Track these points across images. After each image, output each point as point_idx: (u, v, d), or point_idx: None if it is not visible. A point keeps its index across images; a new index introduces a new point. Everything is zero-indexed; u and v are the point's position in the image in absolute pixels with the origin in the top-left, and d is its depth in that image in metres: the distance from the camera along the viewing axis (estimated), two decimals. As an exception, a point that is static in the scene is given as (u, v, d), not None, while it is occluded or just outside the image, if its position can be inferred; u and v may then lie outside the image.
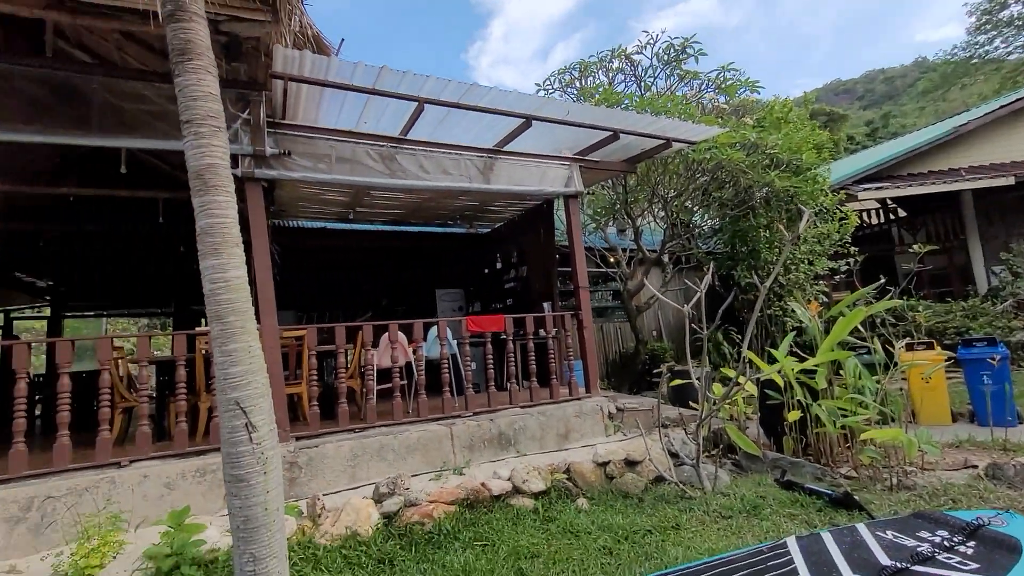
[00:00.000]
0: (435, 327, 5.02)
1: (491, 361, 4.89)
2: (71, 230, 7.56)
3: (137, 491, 3.43)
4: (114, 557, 2.85)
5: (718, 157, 7.00)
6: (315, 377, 4.27)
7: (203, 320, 11.52)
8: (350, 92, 4.05)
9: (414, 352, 4.74)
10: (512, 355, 5.04)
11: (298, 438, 4.05)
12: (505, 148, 5.20)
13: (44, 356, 8.43)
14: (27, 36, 4.66)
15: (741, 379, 4.20)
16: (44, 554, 2.97)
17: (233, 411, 1.78)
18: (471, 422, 4.58)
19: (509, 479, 3.95)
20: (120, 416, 4.32)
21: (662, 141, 5.56)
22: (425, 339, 4.83)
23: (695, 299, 4.20)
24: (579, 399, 5.23)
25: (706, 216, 9.37)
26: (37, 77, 3.83)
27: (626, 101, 7.56)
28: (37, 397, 7.47)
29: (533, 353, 5.05)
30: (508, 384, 4.98)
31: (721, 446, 4.72)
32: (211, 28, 3.59)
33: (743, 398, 5.10)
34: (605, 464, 4.30)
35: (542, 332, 5.42)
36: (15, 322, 11.05)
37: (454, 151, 5.02)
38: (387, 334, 4.61)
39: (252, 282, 3.52)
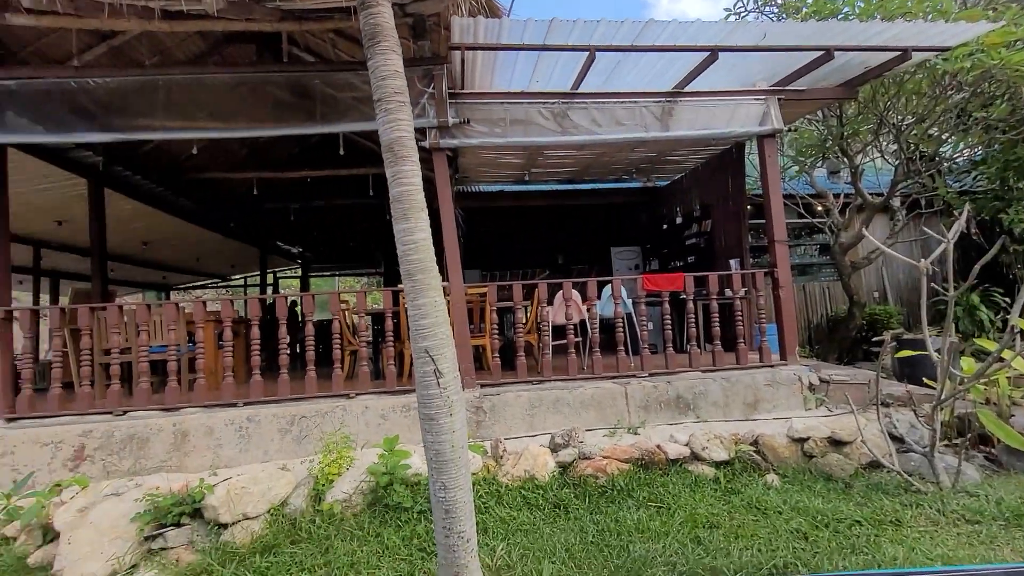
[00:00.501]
0: (609, 286, 4.94)
1: (668, 321, 4.65)
2: (310, 206, 9.31)
3: (361, 418, 4.17)
4: (347, 468, 3.54)
5: (985, 64, 5.29)
6: (496, 331, 4.59)
7: None
8: (521, 52, 4.07)
9: (588, 310, 4.74)
10: (692, 316, 4.70)
11: (482, 385, 4.44)
12: (686, 89, 4.71)
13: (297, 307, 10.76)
14: (271, 49, 5.73)
15: (1006, 354, 3.25)
16: (302, 459, 3.84)
17: (424, 358, 2.01)
18: (646, 383, 4.46)
19: (687, 444, 3.77)
20: (348, 357, 5.27)
21: (897, 53, 4.41)
22: (599, 297, 4.79)
23: (938, 251, 3.33)
24: (772, 366, 4.68)
25: (961, 145, 7.29)
26: (278, 81, 4.66)
27: (845, 8, 6.15)
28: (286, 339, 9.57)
29: (717, 314, 4.64)
30: (688, 346, 4.69)
31: (969, 436, 3.77)
32: (398, 12, 3.92)
33: (1008, 378, 3.97)
34: (803, 440, 3.81)
35: (728, 292, 4.92)
36: (280, 280, 14.22)
37: (628, 99, 4.72)
38: (561, 292, 4.70)
39: (440, 244, 3.90)
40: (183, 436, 4.00)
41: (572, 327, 4.56)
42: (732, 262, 5.91)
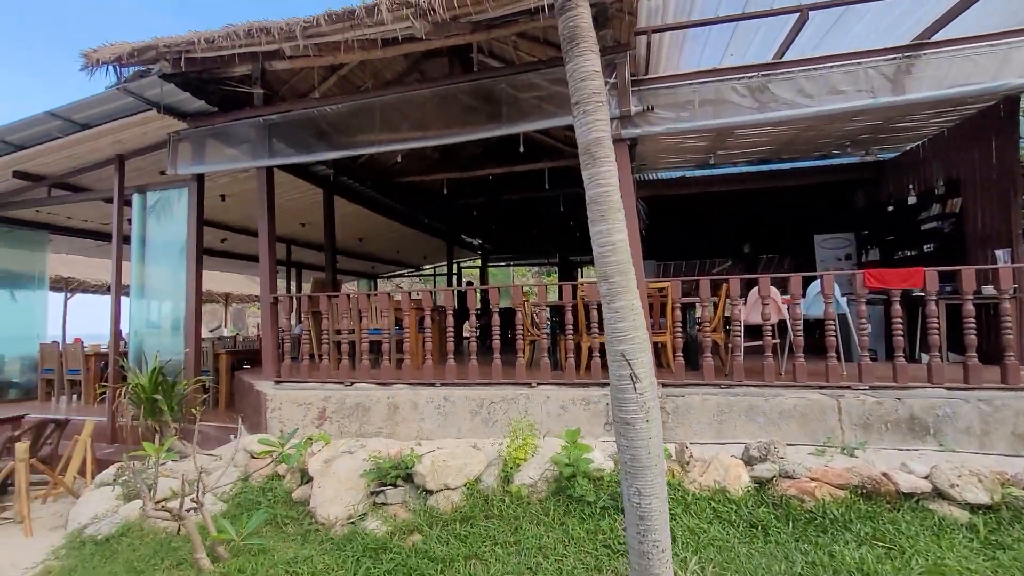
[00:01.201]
0: (817, 282, 4.30)
1: (899, 326, 3.86)
2: (491, 201, 9.98)
3: (542, 408, 4.34)
4: (532, 455, 3.71)
5: None
6: (679, 328, 4.35)
7: (579, 270, 13.53)
8: (713, 27, 3.73)
9: (788, 309, 4.20)
10: (934, 320, 3.83)
11: (664, 385, 4.25)
12: (933, 39, 3.80)
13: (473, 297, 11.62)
14: (460, 58, 6.20)
15: None
16: (492, 440, 4.14)
17: (620, 362, 1.97)
18: (867, 397, 3.78)
19: (927, 477, 3.10)
20: (528, 346, 5.52)
21: None
22: (804, 295, 4.20)
23: None
24: (1059, 389, 3.58)
25: None
26: (467, 89, 5.02)
27: None
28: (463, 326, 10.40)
29: (972, 319, 3.70)
30: (929, 356, 3.84)
31: None
32: (583, 4, 3.90)
33: None
34: (1117, 494, 2.84)
35: (989, 290, 3.89)
36: (463, 270, 15.56)
37: (848, 61, 4.00)
38: (757, 288, 4.23)
39: (623, 238, 3.84)
40: (395, 408, 4.64)
41: (769, 328, 4.08)
42: (1000, 252, 4.64)
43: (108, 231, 8.64)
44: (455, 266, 13.35)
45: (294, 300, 6.79)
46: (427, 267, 16.35)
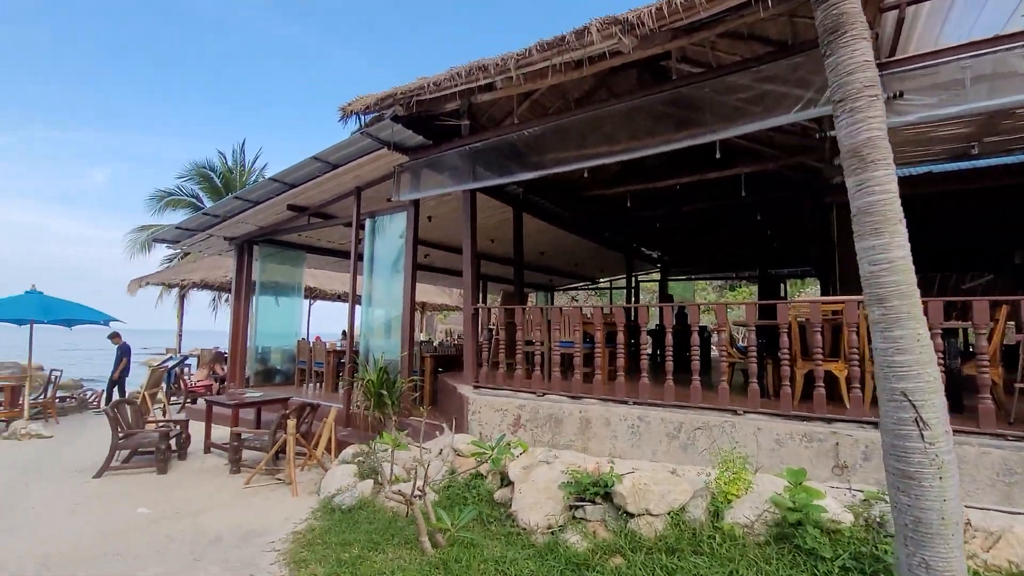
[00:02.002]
0: None
1: None
2: (674, 212, 9.52)
3: (752, 439, 3.92)
4: (745, 491, 3.36)
5: None
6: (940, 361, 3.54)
7: (782, 284, 12.10)
8: (997, -17, 2.99)
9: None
10: None
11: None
12: None
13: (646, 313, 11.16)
14: (649, 69, 6.06)
15: None
16: (697, 469, 3.87)
17: (899, 402, 1.65)
18: None
19: None
20: (727, 370, 5.07)
21: None
22: None
23: None
24: None
25: None
26: (664, 99, 4.86)
27: None
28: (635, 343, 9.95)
29: None
30: None
31: None
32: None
33: None
34: None
35: None
36: (640, 283, 15.13)
37: None
38: (1062, 313, 3.24)
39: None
40: (587, 423, 4.65)
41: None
42: None
43: (345, 250, 10.48)
44: (633, 279, 13.05)
45: (490, 311, 7.34)
46: (603, 280, 16.31)
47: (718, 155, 6.01)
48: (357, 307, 7.67)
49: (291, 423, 5.48)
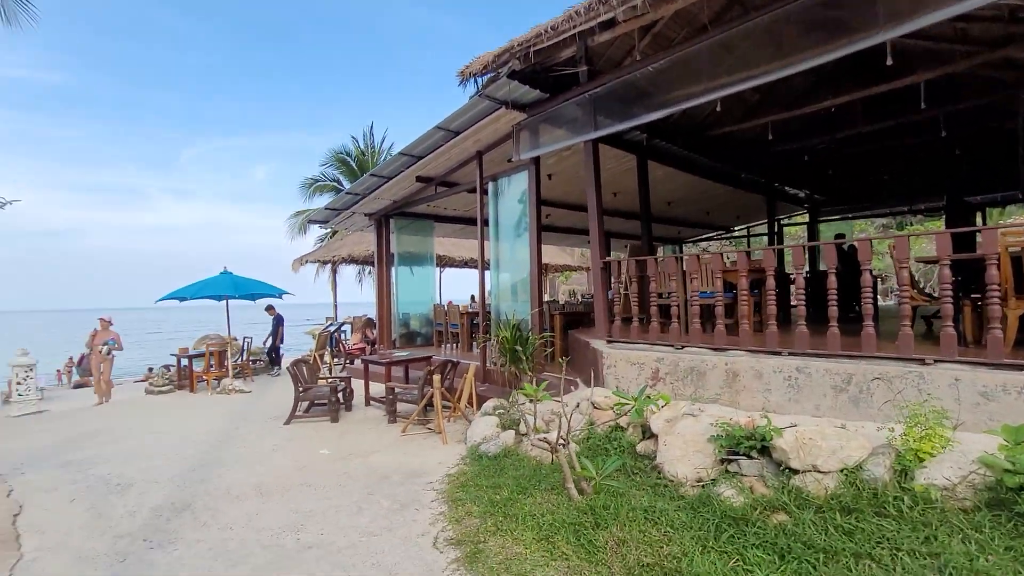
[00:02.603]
0: None
1: None
2: (823, 143, 8.25)
3: (947, 392, 3.32)
4: (942, 450, 2.88)
5: None
6: None
7: (979, 214, 9.98)
8: None
9: None
10: None
11: None
12: None
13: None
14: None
15: None
16: (875, 424, 3.41)
17: None
18: None
19: None
20: (908, 314, 4.34)
21: None
22: None
23: None
24: None
25: None
26: (811, 1, 4.12)
27: None
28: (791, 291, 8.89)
29: None
30: None
31: None
32: None
33: None
34: None
35: None
36: (784, 228, 13.58)
37: None
38: None
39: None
40: (733, 375, 4.33)
41: None
42: None
43: (470, 216, 10.86)
44: (776, 224, 11.70)
45: (620, 265, 7.13)
46: (737, 228, 14.93)
47: (889, 61, 5.05)
48: (486, 272, 7.96)
49: (436, 378, 5.92)
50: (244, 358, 10.78)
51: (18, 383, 8.03)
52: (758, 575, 2.52)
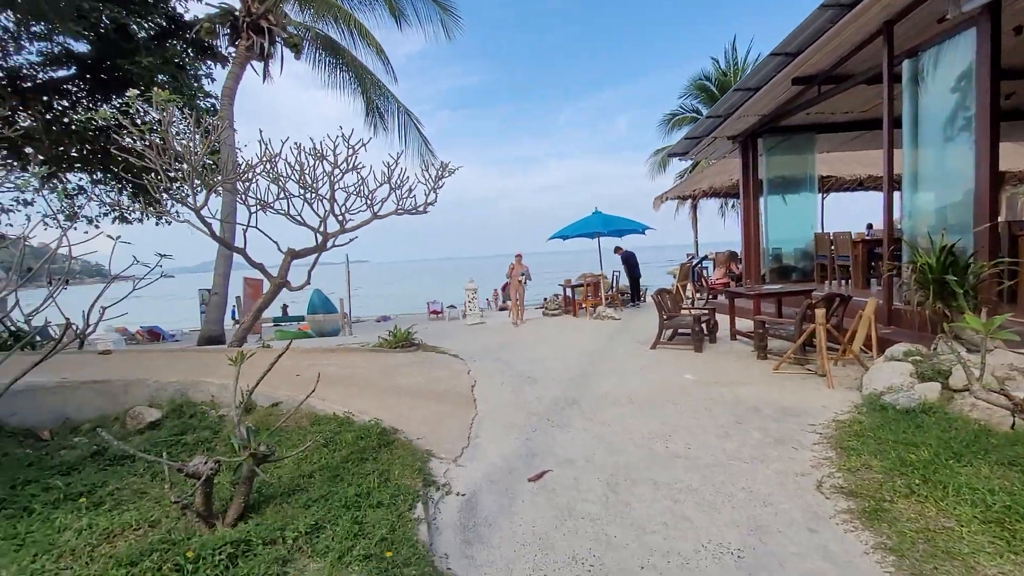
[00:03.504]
0: None
1: None
2: None
3: None
4: None
5: None
6: None
7: None
8: None
9: None
10: None
11: None
12: None
13: None
14: None
15: None
16: None
17: None
18: None
19: None
20: None
21: None
22: None
23: None
24: None
25: None
26: None
27: None
28: None
29: None
30: None
31: None
32: None
33: None
34: None
35: None
36: None
37: None
38: None
39: None
40: None
41: None
42: None
43: (867, 119, 8.58)
44: None
45: None
46: None
47: None
48: (893, 190, 6.11)
49: (819, 312, 5.03)
50: (613, 290, 11.99)
51: (468, 302, 11.33)
52: None
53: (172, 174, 6.69)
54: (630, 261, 11.84)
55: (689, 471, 3.27)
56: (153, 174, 6.45)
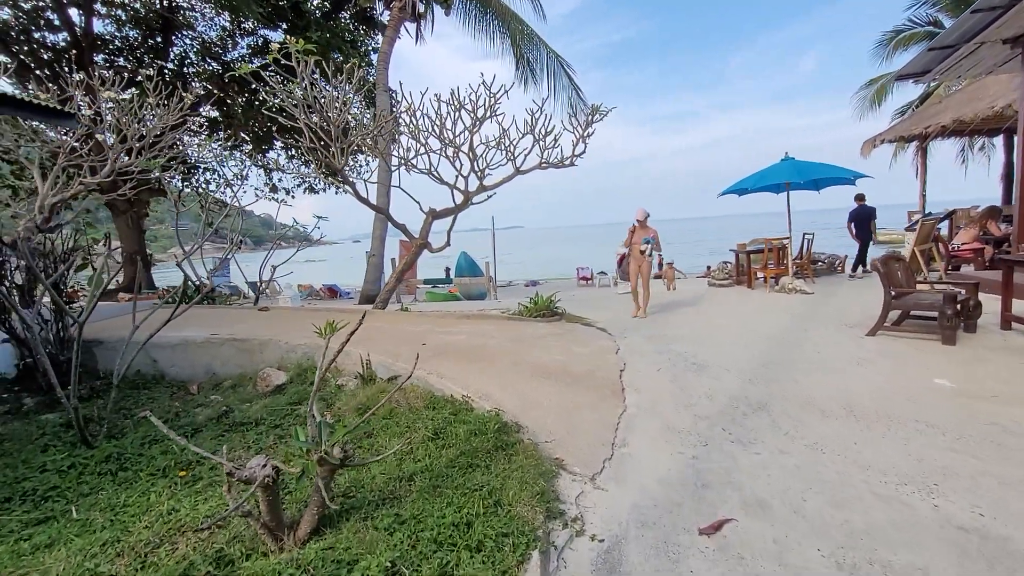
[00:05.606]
0: None
1: None
2: None
3: None
4: None
5: None
6: None
7: None
8: None
9: None
10: None
11: None
12: None
13: None
14: None
15: None
16: None
17: None
18: None
19: None
20: None
21: None
22: None
23: None
24: None
25: None
26: None
27: None
28: None
29: None
30: None
31: None
32: None
33: None
34: None
35: None
36: None
37: None
38: None
39: None
40: None
41: None
42: None
43: None
44: None
45: None
46: None
47: None
48: None
49: None
50: (804, 256, 9.67)
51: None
52: None
53: (340, 146, 6.69)
54: (864, 217, 9.41)
55: (993, 568, 1.89)
56: (322, 144, 6.51)
